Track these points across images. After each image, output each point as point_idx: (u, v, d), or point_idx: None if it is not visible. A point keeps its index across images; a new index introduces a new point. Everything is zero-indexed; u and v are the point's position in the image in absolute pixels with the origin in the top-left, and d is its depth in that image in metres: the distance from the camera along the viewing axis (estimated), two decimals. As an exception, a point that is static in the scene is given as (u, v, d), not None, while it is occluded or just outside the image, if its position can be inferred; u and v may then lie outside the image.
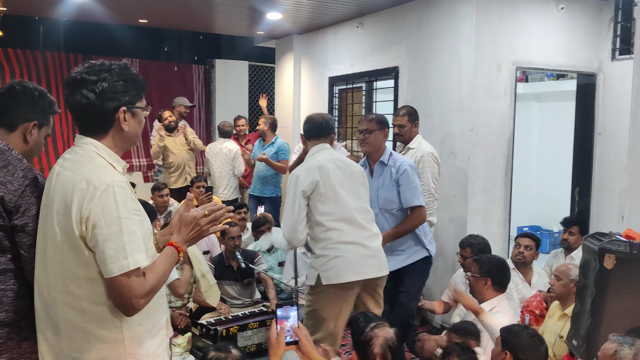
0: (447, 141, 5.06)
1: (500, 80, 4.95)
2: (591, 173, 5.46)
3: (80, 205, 1.73)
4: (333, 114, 7.03)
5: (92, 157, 1.83)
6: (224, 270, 4.89)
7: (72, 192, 1.75)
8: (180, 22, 7.79)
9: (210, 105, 9.65)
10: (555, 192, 7.07)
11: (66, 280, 1.78)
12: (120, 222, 1.74)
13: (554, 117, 7.71)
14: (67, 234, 1.75)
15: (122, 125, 1.86)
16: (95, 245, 1.73)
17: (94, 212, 1.72)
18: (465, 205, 4.90)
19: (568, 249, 4.78)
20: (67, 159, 1.86)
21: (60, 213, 1.77)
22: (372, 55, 6.17)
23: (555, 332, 3.52)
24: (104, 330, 1.80)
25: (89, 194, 1.73)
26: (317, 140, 3.51)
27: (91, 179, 1.75)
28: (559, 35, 5.20)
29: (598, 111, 5.41)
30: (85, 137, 1.86)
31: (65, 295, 1.79)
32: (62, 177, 1.80)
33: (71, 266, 1.77)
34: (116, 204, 1.74)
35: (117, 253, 1.72)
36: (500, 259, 3.70)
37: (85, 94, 1.81)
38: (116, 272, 1.72)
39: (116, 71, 1.85)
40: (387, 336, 2.46)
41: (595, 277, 2.95)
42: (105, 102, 1.82)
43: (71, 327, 1.80)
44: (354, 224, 3.38)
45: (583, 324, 3.02)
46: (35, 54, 8.18)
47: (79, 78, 1.82)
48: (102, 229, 1.72)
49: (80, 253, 1.75)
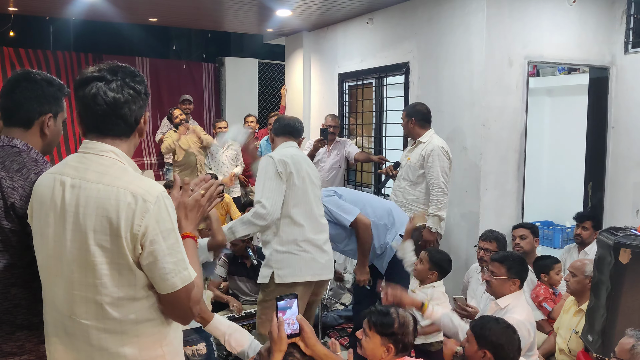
0: (458, 136, 5.04)
1: (511, 74, 4.92)
2: (604, 167, 5.42)
3: (131, 221, 1.57)
4: (343, 111, 7.02)
5: (122, 167, 1.66)
6: (236, 267, 4.90)
7: (117, 207, 1.57)
8: (190, 20, 7.80)
9: (219, 103, 9.66)
10: (568, 187, 7.01)
11: (103, 305, 1.62)
12: (176, 234, 1.64)
13: (566, 111, 7.65)
14: (112, 254, 1.59)
15: (143, 128, 1.77)
16: (152, 262, 1.60)
17: (150, 227, 1.58)
18: (478, 200, 4.88)
19: (581, 244, 4.74)
20: (81, 169, 1.66)
21: (99, 231, 1.59)
22: (382, 51, 6.15)
23: (571, 327, 3.50)
24: (145, 351, 1.68)
25: (139, 208, 1.58)
26: (286, 138, 3.53)
27: (137, 191, 1.59)
28: (571, 28, 5.16)
29: (611, 105, 5.36)
30: (102, 144, 1.68)
31: (101, 322, 1.63)
32: (88, 190, 1.61)
33: (111, 289, 1.61)
34: (169, 215, 1.63)
35: (178, 266, 1.62)
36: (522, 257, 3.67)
37: (127, 91, 1.67)
38: (179, 285, 1.63)
39: (142, 79, 1.75)
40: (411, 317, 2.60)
41: (611, 271, 2.93)
42: (140, 105, 1.72)
43: (108, 355, 1.65)
44: (316, 225, 3.41)
45: (598, 319, 3.00)
46: (46, 54, 8.23)
47: (118, 79, 1.67)
48: (161, 244, 1.59)
49: (128, 273, 1.61)
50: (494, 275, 3.40)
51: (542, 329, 3.96)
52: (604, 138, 5.40)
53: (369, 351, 2.54)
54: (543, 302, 4.03)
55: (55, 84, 2.06)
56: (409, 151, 4.68)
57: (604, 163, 5.41)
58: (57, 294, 1.68)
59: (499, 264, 3.42)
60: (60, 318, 1.69)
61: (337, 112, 6.96)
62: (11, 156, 1.92)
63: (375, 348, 2.53)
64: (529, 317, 3.31)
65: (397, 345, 2.54)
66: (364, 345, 2.52)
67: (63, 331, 1.69)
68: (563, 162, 7.60)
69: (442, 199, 4.40)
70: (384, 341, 2.53)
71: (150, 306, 1.68)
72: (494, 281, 3.41)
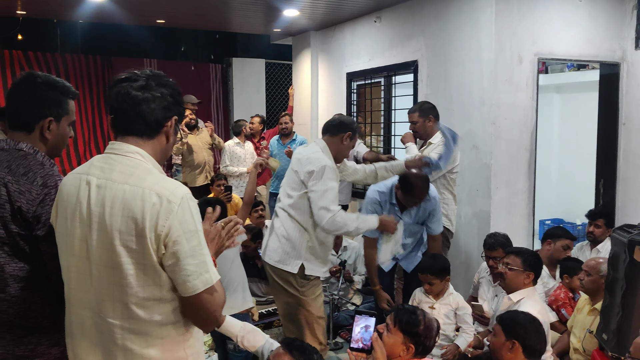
0: (468, 135, 5.01)
1: (521, 72, 4.88)
2: (616, 164, 5.37)
3: (155, 222, 1.58)
4: (351, 110, 7.00)
5: (148, 168, 1.68)
6: (247, 267, 4.87)
7: (142, 208, 1.59)
8: (197, 21, 7.81)
9: (227, 104, 9.67)
10: (578, 185, 6.98)
11: (129, 305, 1.63)
12: (199, 236, 1.65)
13: (576, 108, 7.60)
14: (137, 254, 1.60)
15: (170, 134, 1.77)
16: (174, 263, 1.61)
17: (173, 228, 1.59)
18: (489, 199, 4.84)
19: (594, 242, 4.71)
20: (107, 169, 1.68)
21: (125, 232, 1.60)
22: (390, 49, 6.13)
23: (585, 326, 3.46)
24: (168, 353, 1.69)
25: (163, 209, 1.59)
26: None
27: (162, 192, 1.61)
28: (580, 24, 5.12)
29: (622, 101, 5.31)
30: (127, 145, 1.70)
31: (127, 321, 1.65)
32: (113, 191, 1.63)
33: (137, 289, 1.62)
34: (192, 217, 1.64)
35: (199, 268, 1.63)
36: (537, 253, 3.67)
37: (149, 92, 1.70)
38: (200, 288, 1.63)
39: (179, 90, 1.79)
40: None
41: (626, 269, 2.90)
42: (164, 106, 1.73)
43: (132, 356, 1.66)
44: None
45: (613, 317, 2.97)
46: (54, 57, 8.27)
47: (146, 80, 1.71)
48: (183, 245, 1.60)
49: (153, 273, 1.62)
50: (509, 267, 3.40)
51: (556, 330, 3.93)
52: (615, 135, 5.36)
53: (388, 347, 2.54)
54: (561, 307, 4.00)
55: (57, 87, 2.03)
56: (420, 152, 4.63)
57: (616, 160, 5.37)
58: (85, 293, 1.69)
59: (515, 255, 3.46)
60: (89, 316, 1.69)
61: (345, 111, 6.94)
62: (17, 160, 1.91)
63: (395, 345, 2.53)
64: (542, 312, 3.31)
65: (417, 346, 2.55)
66: (385, 340, 2.52)
67: (90, 329, 1.70)
68: (573, 160, 7.56)
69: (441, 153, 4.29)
70: (406, 340, 2.54)
71: (175, 309, 1.68)
72: (508, 273, 3.42)
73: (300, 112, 7.83)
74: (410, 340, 2.53)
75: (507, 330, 2.68)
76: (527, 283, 3.40)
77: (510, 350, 2.65)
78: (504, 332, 2.68)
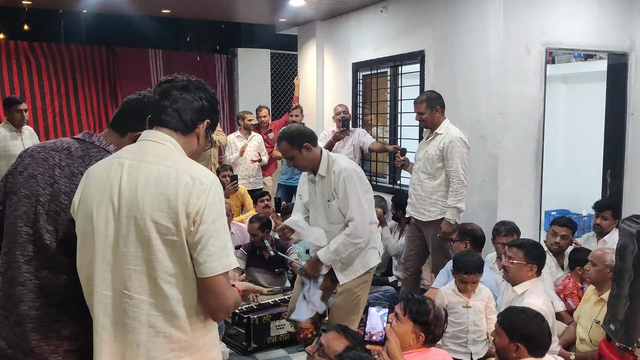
0: (476, 125, 5.00)
1: (529, 62, 4.86)
2: (623, 155, 5.35)
3: (187, 200, 1.65)
4: (357, 101, 6.98)
5: (181, 154, 1.77)
6: (254, 258, 4.90)
7: (176, 186, 1.66)
8: (202, 11, 7.78)
9: (232, 95, 9.66)
10: (585, 175, 6.94)
11: (157, 280, 1.67)
12: (224, 220, 1.71)
13: (583, 98, 7.56)
14: (167, 230, 1.65)
15: (200, 135, 1.85)
16: (197, 241, 1.66)
17: (203, 207, 1.66)
18: (496, 189, 4.84)
19: (600, 233, 4.70)
20: (141, 153, 1.75)
21: (156, 207, 1.65)
22: (396, 39, 6.10)
23: (592, 317, 3.47)
24: (190, 336, 1.73)
25: (195, 189, 1.66)
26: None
27: (194, 174, 1.69)
28: (589, 14, 5.08)
29: (630, 91, 5.28)
30: (161, 133, 1.78)
31: (153, 297, 1.69)
32: (146, 170, 1.69)
33: (165, 264, 1.67)
34: (220, 201, 1.72)
35: (221, 251, 1.68)
36: (539, 243, 3.66)
37: (189, 93, 1.82)
38: (219, 271, 1.67)
39: (216, 98, 1.92)
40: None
41: (634, 260, 2.89)
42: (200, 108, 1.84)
43: (154, 333, 1.70)
44: None
45: (621, 308, 2.97)
46: (60, 47, 8.26)
47: (187, 82, 1.85)
48: (209, 225, 1.66)
49: (181, 251, 1.67)
50: (511, 260, 3.41)
51: (563, 320, 3.93)
52: (622, 125, 5.33)
53: (398, 335, 2.56)
54: (568, 297, 4.00)
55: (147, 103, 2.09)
56: (425, 143, 4.62)
57: (623, 150, 5.34)
58: (109, 273, 1.72)
59: (517, 249, 3.46)
60: (113, 294, 1.72)
61: (350, 102, 6.92)
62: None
63: (405, 334, 2.56)
64: (547, 303, 3.31)
65: (427, 335, 2.59)
66: (395, 329, 2.54)
67: (114, 308, 1.72)
68: (580, 150, 7.53)
69: (461, 191, 4.36)
70: (416, 329, 2.57)
71: (197, 291, 1.73)
72: (511, 267, 3.43)
73: (305, 103, 7.81)
74: (420, 329, 2.57)
75: (509, 333, 2.67)
76: (531, 275, 3.41)
77: (515, 352, 2.66)
78: (506, 335, 2.67)
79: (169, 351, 1.71)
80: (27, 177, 1.93)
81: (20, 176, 1.94)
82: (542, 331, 2.67)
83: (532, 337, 2.63)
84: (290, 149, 3.43)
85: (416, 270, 4.78)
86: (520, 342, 2.63)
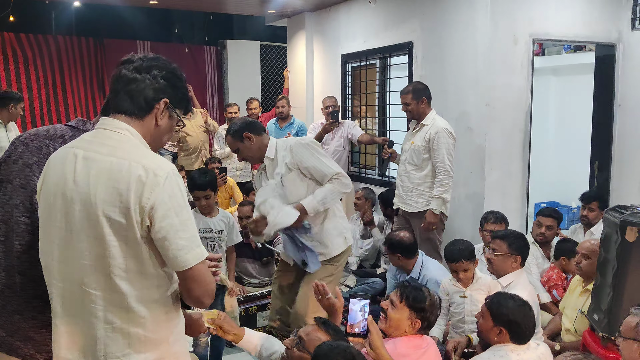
0: (463, 116, 4.99)
1: (516, 53, 4.85)
2: (611, 146, 5.36)
3: (140, 194, 1.58)
4: (346, 92, 6.96)
5: (136, 144, 1.69)
6: (242, 248, 4.88)
7: (128, 179, 1.59)
8: (191, 2, 7.73)
9: (222, 87, 9.61)
10: (574, 167, 6.96)
11: (112, 276, 1.63)
12: (188, 211, 1.66)
13: (572, 90, 7.58)
14: (119, 225, 1.60)
15: (158, 116, 1.74)
16: (164, 237, 1.60)
17: (160, 201, 1.59)
18: (482, 181, 4.84)
19: (587, 225, 4.70)
20: (95, 142, 1.68)
21: (108, 202, 1.59)
22: (385, 31, 6.08)
23: (577, 307, 3.47)
24: (149, 332, 1.68)
25: (149, 182, 1.59)
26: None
27: (148, 165, 1.61)
28: (576, 5, 5.08)
29: (618, 83, 5.29)
30: (117, 121, 1.71)
31: (108, 293, 1.64)
32: (99, 162, 1.63)
33: (119, 260, 1.62)
34: (180, 191, 1.64)
35: (190, 242, 1.64)
36: (522, 234, 3.65)
37: (139, 73, 1.72)
38: (192, 263, 1.63)
39: (176, 73, 1.79)
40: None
41: (617, 250, 2.90)
42: (154, 87, 1.73)
43: (112, 330, 1.66)
44: None
45: (604, 298, 2.98)
46: (47, 39, 8.18)
47: (141, 62, 1.74)
48: (173, 219, 1.60)
49: (135, 246, 1.62)
50: (496, 252, 3.41)
51: (549, 311, 3.94)
52: (610, 116, 5.34)
53: (394, 322, 2.58)
54: (553, 288, 4.01)
55: None
56: (411, 134, 4.62)
57: (611, 142, 5.36)
58: (67, 265, 1.68)
59: (500, 240, 3.46)
60: (71, 288, 1.69)
61: (340, 93, 6.90)
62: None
63: (401, 320, 2.59)
64: (531, 295, 3.32)
65: (423, 322, 2.64)
66: (390, 316, 2.54)
67: (71, 302, 1.69)
68: (569, 142, 7.55)
69: (447, 182, 4.37)
70: (412, 315, 2.61)
71: (160, 286, 1.69)
72: (495, 259, 3.44)
73: (295, 95, 7.79)
74: (416, 315, 2.61)
75: (495, 316, 2.68)
76: (515, 266, 3.41)
77: (497, 336, 2.66)
78: (492, 318, 2.68)
79: (127, 347, 1.67)
80: (22, 167, 1.90)
81: (14, 165, 1.91)
82: (527, 320, 2.68)
83: (517, 324, 2.64)
84: (233, 142, 3.44)
85: (404, 261, 4.77)
86: (504, 327, 2.64)
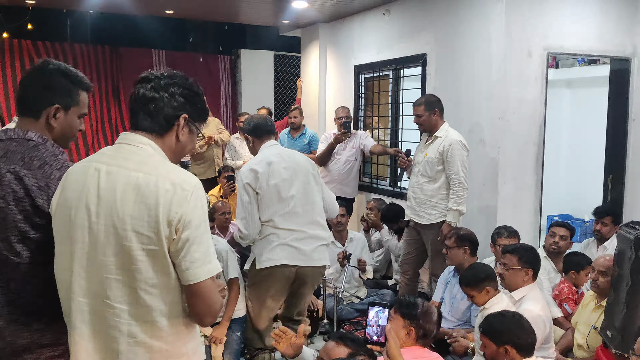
0: (476, 129, 4.98)
1: (531, 66, 4.84)
2: (625, 160, 5.32)
3: (169, 208, 1.60)
4: (359, 103, 6.98)
5: (160, 159, 1.72)
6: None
7: (156, 194, 1.61)
8: (206, 12, 7.80)
9: (236, 96, 9.67)
10: (587, 181, 6.92)
11: (137, 290, 1.64)
12: (206, 225, 1.68)
13: (586, 103, 7.54)
14: (148, 240, 1.61)
15: (179, 132, 1.77)
16: (180, 249, 1.62)
17: (186, 215, 1.61)
18: (496, 194, 4.82)
19: (600, 239, 4.66)
20: (119, 157, 1.70)
21: (136, 217, 1.61)
22: (399, 42, 6.10)
23: (590, 323, 3.44)
24: (171, 345, 1.69)
25: (177, 196, 1.62)
26: (267, 137, 3.75)
27: (175, 180, 1.64)
28: (591, 19, 5.06)
29: (632, 97, 5.26)
30: (139, 136, 1.73)
31: (134, 307, 1.65)
32: (126, 177, 1.64)
33: (146, 275, 1.63)
34: (203, 205, 1.68)
35: (204, 256, 1.65)
36: (532, 247, 3.64)
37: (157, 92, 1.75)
38: (203, 277, 1.64)
39: (194, 89, 1.83)
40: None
41: (631, 266, 2.89)
42: (173, 105, 1.76)
43: (135, 343, 1.66)
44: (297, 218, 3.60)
45: (618, 314, 2.96)
46: (63, 47, 8.29)
47: (158, 80, 1.77)
48: (192, 232, 1.62)
49: (163, 260, 1.63)
50: (507, 267, 3.40)
51: (561, 326, 3.91)
52: (624, 131, 5.31)
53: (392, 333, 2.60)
54: (564, 302, 3.98)
55: (70, 76, 1.99)
56: (425, 146, 4.61)
57: (625, 156, 5.32)
58: (87, 281, 1.68)
59: (511, 254, 3.46)
60: (92, 303, 1.68)
61: (352, 104, 6.92)
62: (30, 151, 1.87)
63: (397, 330, 2.64)
64: (544, 309, 3.30)
65: (418, 330, 2.66)
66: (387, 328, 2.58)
67: (92, 316, 1.69)
68: (582, 155, 7.50)
69: (462, 194, 4.36)
70: (406, 324, 2.66)
71: (181, 300, 1.69)
72: (506, 273, 3.42)
73: (308, 105, 7.81)
74: (409, 323, 2.66)
75: (493, 338, 2.68)
76: (527, 280, 3.39)
77: (505, 356, 2.65)
78: (492, 342, 2.68)
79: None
80: None
81: None
82: (523, 329, 2.70)
83: (517, 335, 2.66)
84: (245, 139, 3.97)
85: (414, 273, 4.77)
86: (508, 345, 2.64)
